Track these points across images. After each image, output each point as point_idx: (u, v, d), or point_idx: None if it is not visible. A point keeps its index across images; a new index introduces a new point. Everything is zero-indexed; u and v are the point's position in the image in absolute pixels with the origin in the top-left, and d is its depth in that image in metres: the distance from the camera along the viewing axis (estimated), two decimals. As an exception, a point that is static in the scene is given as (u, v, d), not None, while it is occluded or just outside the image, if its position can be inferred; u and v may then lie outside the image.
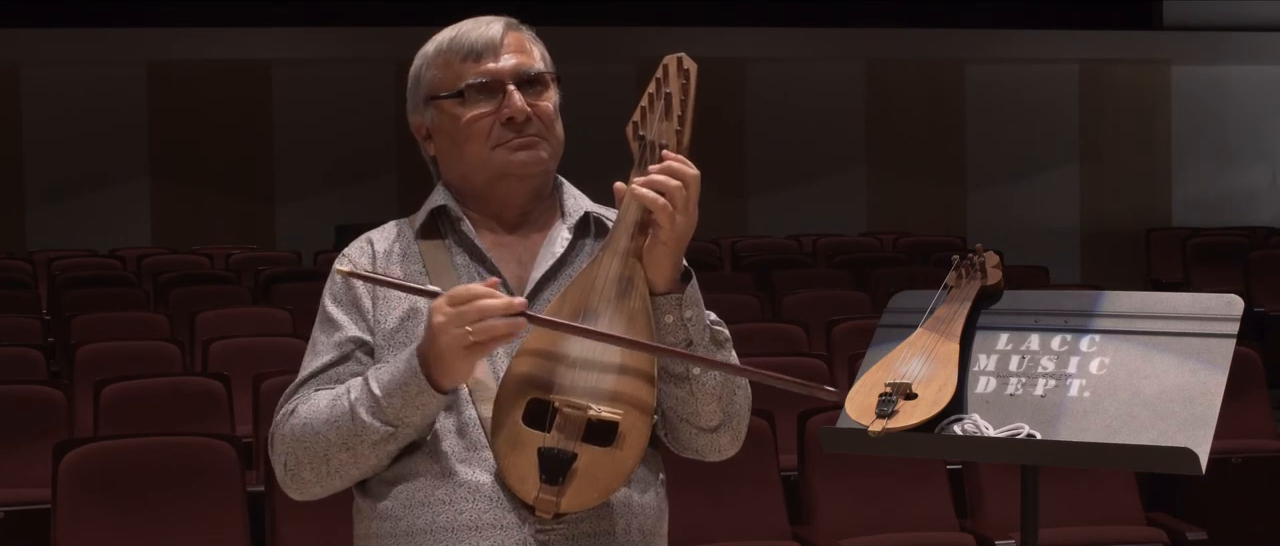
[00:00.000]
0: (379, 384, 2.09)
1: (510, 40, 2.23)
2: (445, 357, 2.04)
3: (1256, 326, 8.84)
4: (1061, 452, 2.33)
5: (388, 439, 2.10)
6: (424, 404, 2.07)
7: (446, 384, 2.07)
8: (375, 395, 2.09)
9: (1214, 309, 2.36)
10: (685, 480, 4.54)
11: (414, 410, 2.08)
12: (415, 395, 2.07)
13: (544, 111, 2.22)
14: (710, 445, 2.21)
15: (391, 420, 2.08)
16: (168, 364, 6.77)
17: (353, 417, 2.10)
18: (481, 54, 2.20)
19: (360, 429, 2.10)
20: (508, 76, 2.20)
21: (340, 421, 2.11)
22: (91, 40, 12.88)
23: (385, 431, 2.09)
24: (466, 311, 2.02)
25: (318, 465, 2.14)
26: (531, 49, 2.25)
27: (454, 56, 2.21)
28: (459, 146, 2.22)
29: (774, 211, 13.68)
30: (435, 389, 2.06)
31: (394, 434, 2.10)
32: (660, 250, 2.10)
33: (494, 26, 2.23)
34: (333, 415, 2.12)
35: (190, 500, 4.64)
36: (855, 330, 6.95)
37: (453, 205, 2.25)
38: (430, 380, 2.06)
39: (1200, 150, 14.40)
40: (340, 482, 2.17)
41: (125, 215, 13.06)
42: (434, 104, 2.23)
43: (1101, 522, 5.07)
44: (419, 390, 2.06)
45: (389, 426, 2.09)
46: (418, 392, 2.06)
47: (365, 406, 2.10)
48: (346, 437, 2.11)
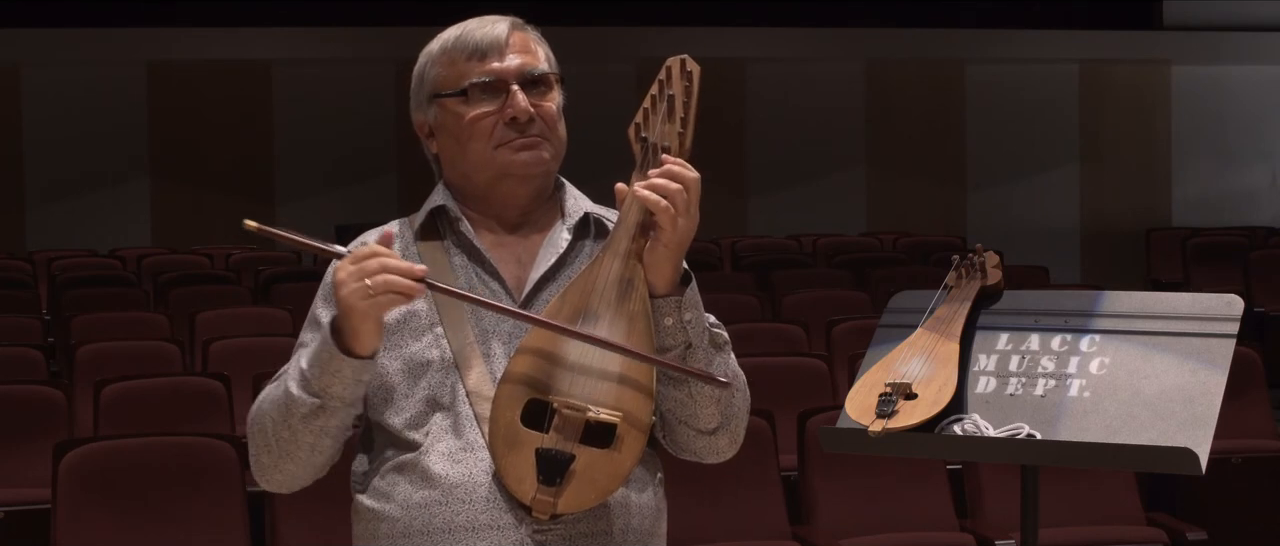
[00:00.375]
0: (305, 357, 2.13)
1: (515, 40, 2.23)
2: (349, 315, 2.05)
3: (1256, 326, 8.84)
4: (1061, 452, 2.33)
5: (316, 411, 2.11)
6: (339, 370, 2.08)
7: (356, 346, 2.08)
8: (302, 368, 2.12)
9: (1214, 309, 2.36)
10: (685, 480, 4.54)
11: (332, 378, 2.09)
12: (328, 361, 2.08)
13: (547, 112, 2.21)
14: (708, 447, 2.21)
15: (316, 392, 2.10)
16: (168, 364, 6.77)
17: (286, 394, 2.13)
18: (486, 53, 2.20)
19: (291, 403, 2.12)
20: (512, 76, 2.20)
21: (278, 400, 2.15)
22: (91, 40, 12.88)
23: (312, 403, 2.11)
24: (368, 265, 2.04)
25: (269, 447, 2.17)
26: (536, 49, 2.25)
27: (459, 55, 2.21)
28: (461, 145, 2.22)
29: (774, 211, 13.68)
30: (346, 353, 2.07)
31: (321, 405, 2.11)
32: (661, 252, 2.10)
33: (499, 26, 2.23)
34: (274, 396, 2.16)
35: (190, 500, 4.64)
36: (855, 330, 6.95)
37: (451, 205, 2.25)
38: (341, 346, 2.07)
39: (1200, 150, 14.41)
40: (294, 466, 2.17)
41: (125, 215, 13.07)
42: (437, 102, 2.23)
43: (1101, 522, 5.07)
44: (330, 355, 2.08)
45: (315, 398, 2.10)
46: (329, 358, 2.08)
47: (294, 380, 2.13)
48: (282, 414, 2.14)
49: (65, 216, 12.92)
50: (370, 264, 2.05)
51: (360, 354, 2.08)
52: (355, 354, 2.08)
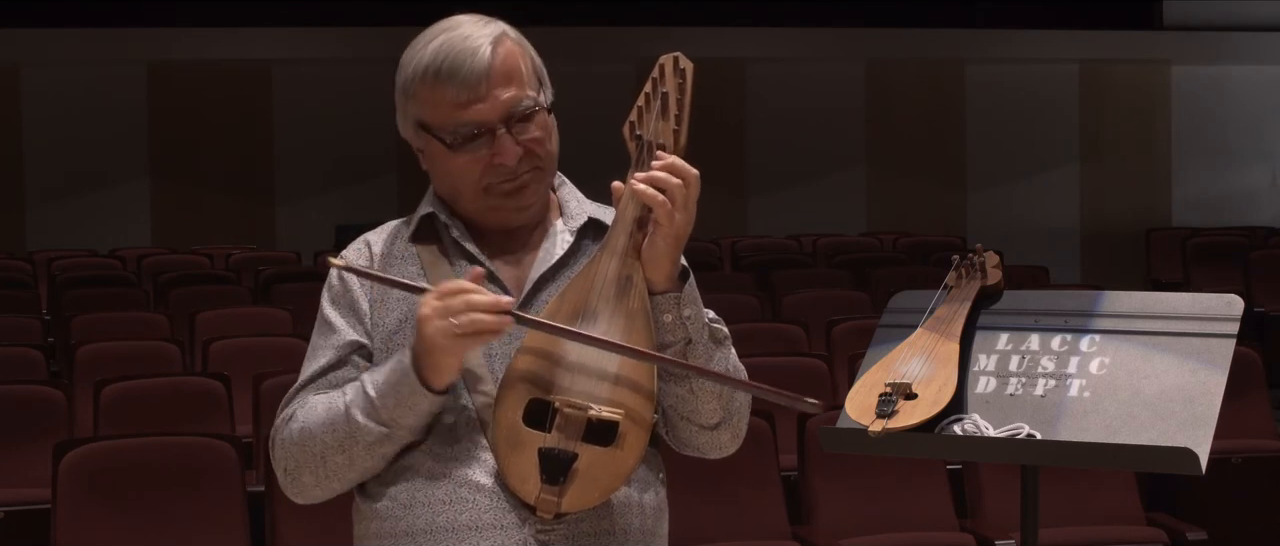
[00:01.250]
0: (373, 385, 2.10)
1: (499, 65, 2.13)
2: (432, 351, 2.04)
3: (1256, 326, 8.84)
4: (1061, 452, 2.33)
5: (382, 440, 2.10)
6: (416, 404, 2.07)
7: (436, 381, 2.06)
8: (369, 396, 2.09)
9: (1214, 309, 2.36)
10: (685, 480, 4.54)
11: (406, 410, 2.08)
12: (407, 395, 2.07)
13: (535, 144, 2.16)
14: (711, 442, 2.21)
15: (385, 421, 2.08)
16: (168, 364, 6.77)
17: (348, 420, 2.10)
18: (470, 93, 2.12)
19: (355, 430, 2.10)
20: (497, 121, 2.14)
21: (336, 424, 2.11)
22: (91, 40, 12.88)
23: (380, 433, 2.09)
24: (453, 304, 2.02)
25: (316, 468, 2.14)
26: (520, 69, 2.16)
27: (441, 90, 2.13)
28: (449, 182, 2.18)
29: (774, 211, 13.68)
30: (426, 388, 2.06)
31: (388, 435, 2.09)
32: (659, 248, 2.09)
33: (482, 51, 2.12)
34: (329, 418, 2.12)
35: (190, 500, 4.64)
36: (855, 330, 6.95)
37: (440, 215, 2.22)
38: (421, 378, 2.06)
39: (1200, 150, 14.41)
40: (340, 485, 2.17)
41: (125, 215, 13.07)
42: (421, 132, 2.18)
43: (1101, 522, 5.07)
44: (411, 390, 2.06)
45: (383, 428, 2.09)
46: (409, 392, 2.06)
47: (360, 408, 2.10)
48: (342, 440, 2.11)
49: (65, 216, 12.92)
50: (455, 303, 2.02)
51: (438, 388, 2.07)
52: (433, 388, 2.07)
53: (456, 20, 2.18)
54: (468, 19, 2.18)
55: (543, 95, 2.19)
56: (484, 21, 2.18)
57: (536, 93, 2.17)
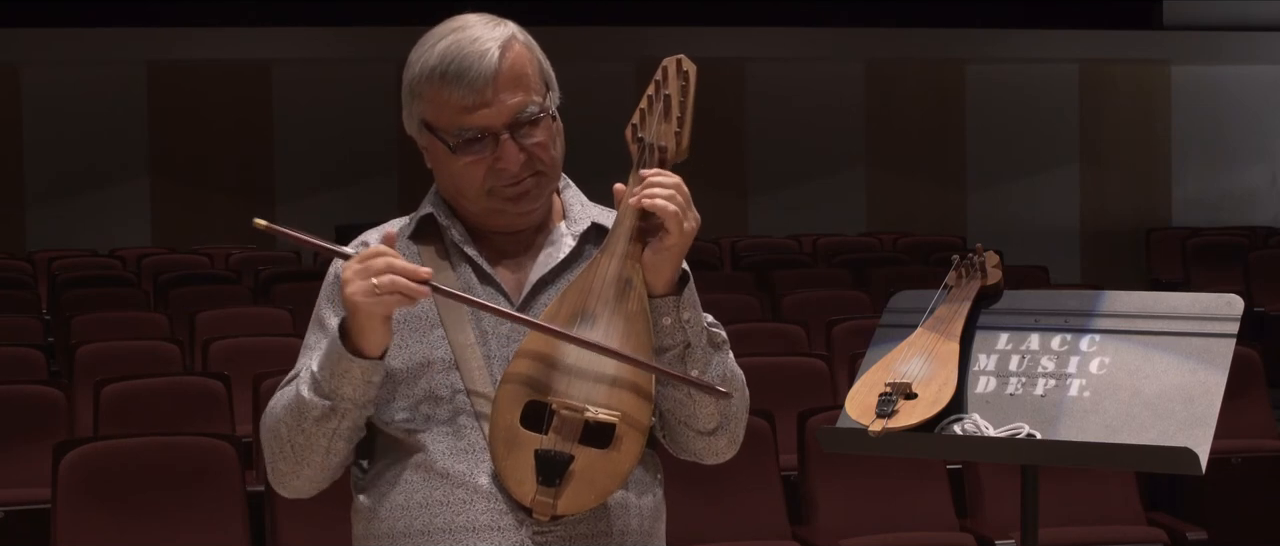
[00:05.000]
0: (315, 360, 2.12)
1: (507, 68, 2.12)
2: (355, 313, 2.05)
3: (1256, 326, 8.85)
4: (1061, 452, 2.33)
5: (328, 413, 2.10)
6: (348, 371, 2.08)
7: (365, 346, 2.07)
8: (313, 371, 2.12)
9: (1214, 309, 2.36)
10: (685, 480, 4.54)
11: (342, 380, 2.08)
12: (337, 362, 2.08)
13: (540, 149, 2.15)
14: (708, 448, 2.21)
15: (327, 394, 2.09)
16: (167, 364, 6.77)
17: (298, 398, 2.13)
18: (475, 97, 2.11)
19: (303, 407, 2.12)
20: (502, 127, 2.13)
21: (290, 405, 2.14)
22: (91, 40, 12.88)
23: (324, 406, 2.10)
24: (374, 264, 2.04)
25: (285, 454, 2.16)
26: (527, 73, 2.15)
27: (447, 93, 2.11)
28: (452, 183, 2.18)
29: (774, 211, 13.68)
30: (354, 354, 2.07)
31: (333, 408, 2.10)
32: (665, 254, 2.09)
33: (490, 54, 2.10)
34: (287, 402, 2.15)
35: (190, 500, 4.64)
36: (855, 330, 6.94)
37: (440, 216, 2.22)
38: (350, 346, 2.07)
39: (1200, 150, 14.41)
40: (311, 471, 2.16)
41: (125, 215, 13.07)
42: (426, 132, 2.18)
43: (1101, 522, 5.07)
44: (340, 357, 2.07)
45: (326, 400, 2.10)
46: (339, 359, 2.08)
47: (306, 383, 2.12)
48: (296, 419, 2.13)
49: (65, 216, 12.92)
50: (376, 263, 2.04)
51: (369, 354, 2.08)
52: (364, 354, 2.07)
53: (467, 20, 2.17)
54: (478, 19, 2.17)
55: (549, 99, 2.18)
56: (494, 23, 2.16)
57: (543, 97, 2.16)
